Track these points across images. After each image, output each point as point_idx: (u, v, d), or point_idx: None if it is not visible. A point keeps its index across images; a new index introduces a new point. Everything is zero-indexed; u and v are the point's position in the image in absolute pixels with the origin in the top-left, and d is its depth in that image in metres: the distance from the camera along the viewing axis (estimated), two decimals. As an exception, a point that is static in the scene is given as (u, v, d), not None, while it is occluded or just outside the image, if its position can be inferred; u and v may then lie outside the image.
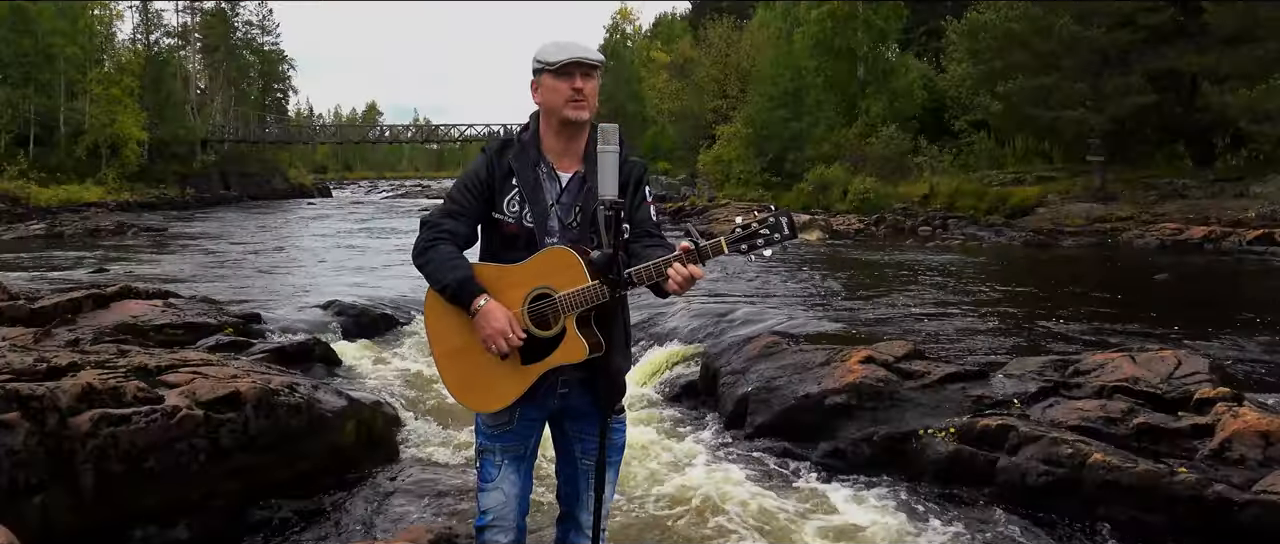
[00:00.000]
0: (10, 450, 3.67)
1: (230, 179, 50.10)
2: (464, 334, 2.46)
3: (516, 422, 2.54)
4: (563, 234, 2.47)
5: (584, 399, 2.55)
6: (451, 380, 2.53)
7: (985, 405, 5.32)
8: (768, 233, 2.29)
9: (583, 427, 2.60)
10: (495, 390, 2.47)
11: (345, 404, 5.21)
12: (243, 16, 64.01)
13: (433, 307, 2.52)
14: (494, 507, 2.57)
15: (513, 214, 2.47)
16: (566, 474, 2.67)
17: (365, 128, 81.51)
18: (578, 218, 2.48)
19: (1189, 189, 21.56)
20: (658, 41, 56.77)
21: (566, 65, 2.37)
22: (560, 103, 2.41)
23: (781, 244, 2.31)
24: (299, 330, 8.35)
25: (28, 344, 5.66)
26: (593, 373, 2.49)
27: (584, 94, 2.40)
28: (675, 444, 5.91)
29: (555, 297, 2.40)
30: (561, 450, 2.68)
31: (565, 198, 2.49)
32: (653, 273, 2.32)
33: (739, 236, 2.30)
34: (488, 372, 2.46)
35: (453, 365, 2.52)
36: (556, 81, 2.39)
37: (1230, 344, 7.70)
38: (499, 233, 2.50)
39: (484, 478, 2.59)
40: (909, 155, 28.71)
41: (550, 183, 2.49)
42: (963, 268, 14.63)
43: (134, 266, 15.09)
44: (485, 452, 2.58)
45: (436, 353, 2.55)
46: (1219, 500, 4.09)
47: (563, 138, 2.49)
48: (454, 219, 2.47)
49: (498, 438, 2.56)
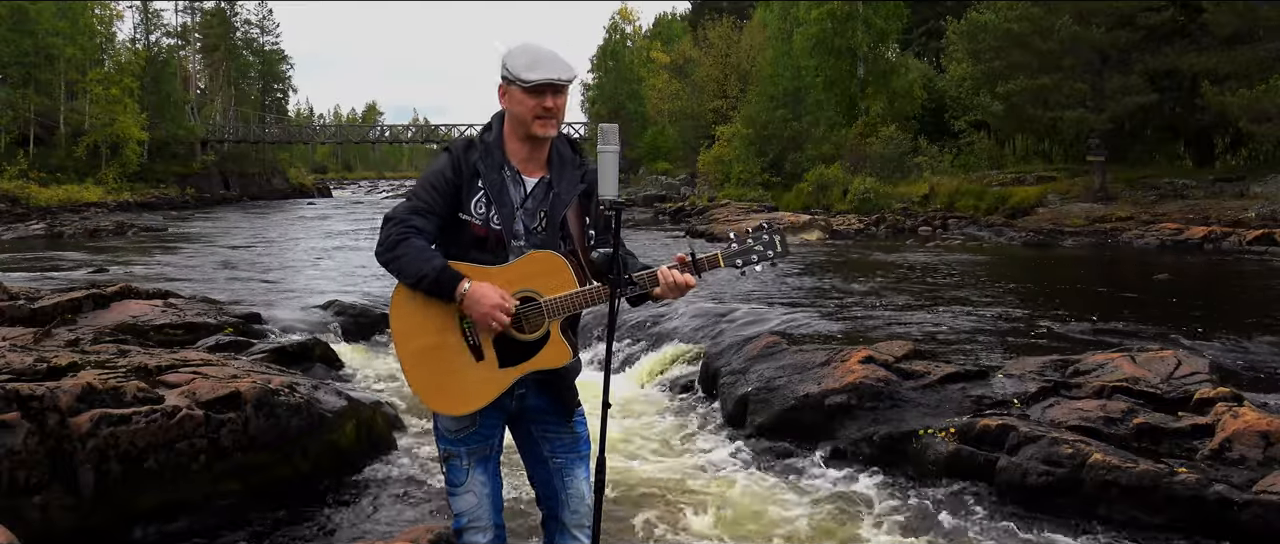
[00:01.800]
0: (10, 450, 3.67)
1: (230, 179, 50.15)
2: (434, 333, 2.40)
3: (479, 423, 2.51)
4: (528, 238, 2.46)
5: (542, 399, 2.54)
6: (419, 382, 2.44)
7: (985, 405, 5.32)
8: (761, 250, 2.46)
9: (546, 426, 2.58)
10: (467, 393, 2.42)
11: (345, 404, 5.21)
12: (242, 16, 64.14)
13: (400, 304, 2.45)
14: (468, 509, 2.55)
15: (480, 216, 2.44)
16: (540, 476, 2.63)
17: (365, 128, 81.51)
18: (543, 223, 2.47)
19: (1189, 189, 21.55)
20: (658, 41, 56.77)
21: (539, 85, 2.36)
22: (529, 118, 2.40)
23: (773, 262, 2.48)
24: (299, 330, 8.36)
25: (28, 344, 5.66)
26: (549, 376, 2.50)
27: (553, 111, 2.40)
28: (675, 444, 5.91)
29: (541, 301, 2.38)
30: (529, 453, 2.64)
31: (530, 203, 2.48)
32: (646, 281, 2.41)
33: (735, 252, 2.46)
34: (460, 373, 2.40)
35: (421, 366, 2.43)
36: (526, 97, 2.38)
37: (1230, 344, 7.70)
38: (467, 234, 2.46)
39: (453, 482, 2.56)
40: (909, 155, 28.70)
41: (515, 187, 2.47)
42: (962, 268, 14.63)
43: (134, 267, 15.09)
44: (450, 456, 2.55)
45: (403, 353, 2.45)
46: (1219, 500, 4.09)
47: (529, 145, 2.47)
48: (421, 217, 2.41)
49: (462, 441, 2.53)
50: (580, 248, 2.47)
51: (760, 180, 32.27)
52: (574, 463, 2.59)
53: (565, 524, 2.60)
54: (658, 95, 47.39)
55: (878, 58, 32.85)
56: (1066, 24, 21.95)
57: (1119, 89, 22.32)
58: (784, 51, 34.41)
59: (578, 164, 2.53)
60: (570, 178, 2.50)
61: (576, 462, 2.59)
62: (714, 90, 42.89)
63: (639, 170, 46.34)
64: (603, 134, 2.34)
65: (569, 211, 2.47)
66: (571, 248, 2.46)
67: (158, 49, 50.37)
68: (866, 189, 26.47)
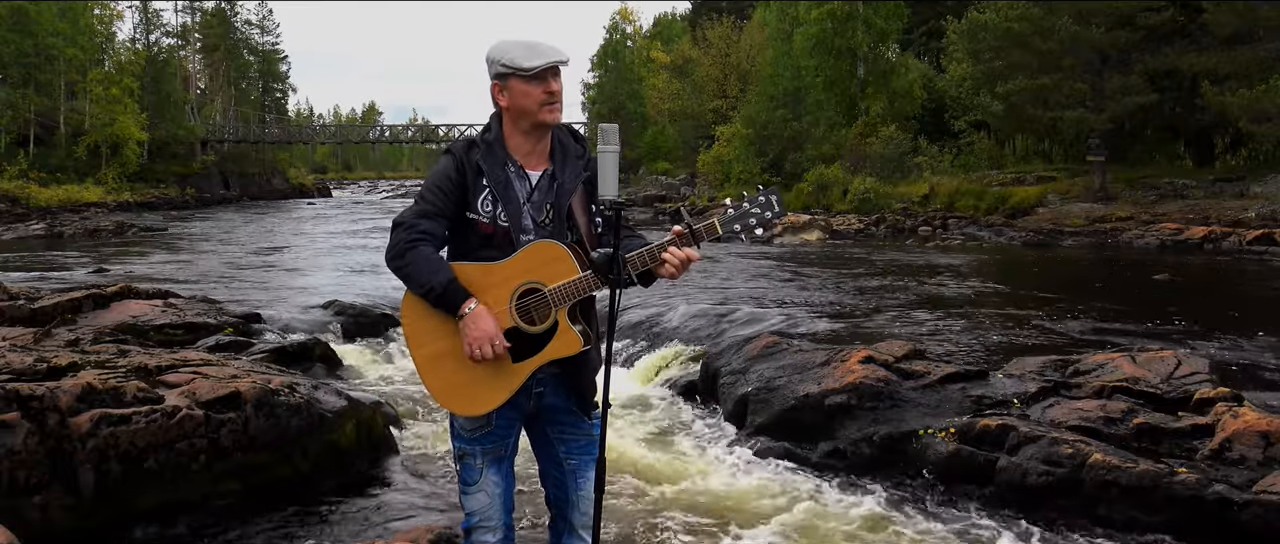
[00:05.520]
0: (10, 450, 3.67)
1: (230, 179, 50.14)
2: (448, 337, 2.41)
3: (495, 423, 2.51)
4: (537, 232, 2.45)
5: (560, 397, 2.54)
6: (435, 384, 2.45)
7: (985, 405, 5.32)
8: (758, 212, 2.40)
9: (562, 426, 2.58)
10: (483, 393, 2.42)
11: (345, 404, 5.20)
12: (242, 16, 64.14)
13: (412, 309, 2.45)
14: (479, 508, 2.56)
15: (487, 214, 2.45)
16: (553, 476, 2.62)
17: (365, 128, 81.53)
18: (550, 215, 2.47)
19: (1189, 189, 21.55)
20: (658, 41, 56.76)
21: (542, 70, 2.36)
22: (535, 107, 2.40)
23: (772, 222, 2.41)
24: (299, 330, 8.36)
25: (28, 344, 5.66)
26: (567, 370, 2.49)
27: (557, 94, 2.41)
28: (675, 444, 5.91)
29: (545, 291, 2.38)
30: (543, 453, 2.64)
31: (536, 196, 2.48)
32: (648, 259, 2.37)
33: (732, 217, 2.40)
34: (475, 374, 2.40)
35: (437, 369, 2.44)
36: (529, 86, 2.37)
37: (1230, 344, 7.70)
38: (475, 232, 2.46)
39: (466, 481, 2.56)
40: (909, 155, 28.70)
41: (520, 182, 2.47)
42: (963, 268, 14.63)
43: (134, 267, 15.09)
44: (465, 455, 2.55)
45: (417, 357, 2.47)
46: (1219, 500, 4.09)
47: (532, 138, 2.47)
48: (430, 220, 2.41)
49: (477, 440, 2.53)
50: (587, 237, 2.46)
51: (760, 180, 32.20)
52: (587, 465, 2.57)
53: (573, 525, 2.60)
54: (658, 95, 47.39)
55: (878, 58, 32.85)
56: (1066, 24, 21.95)
57: (1119, 89, 22.32)
58: (784, 51, 34.40)
59: (580, 153, 2.53)
60: (573, 167, 2.50)
61: (589, 464, 2.57)
62: (714, 90, 42.88)
63: (639, 170, 46.34)
64: (603, 134, 2.33)
65: (574, 201, 2.47)
66: (578, 238, 2.46)
67: (158, 49, 50.35)
68: (866, 189, 26.47)
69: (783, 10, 36.86)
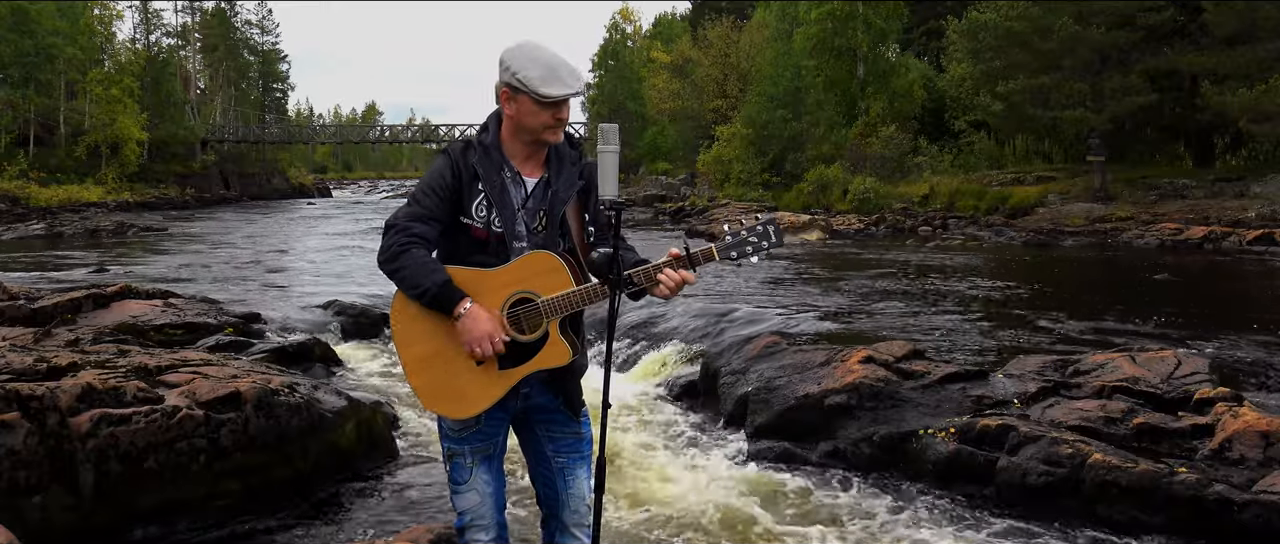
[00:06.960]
0: (10, 450, 3.67)
1: (230, 179, 50.15)
2: (436, 339, 2.41)
3: (483, 422, 2.51)
4: (530, 239, 2.45)
5: (546, 398, 2.54)
6: (422, 386, 2.45)
7: (985, 405, 5.32)
8: (756, 241, 2.42)
9: (551, 426, 2.58)
10: (469, 397, 2.43)
11: (345, 404, 5.21)
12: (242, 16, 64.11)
13: (401, 310, 2.45)
14: (471, 507, 2.56)
15: (481, 219, 2.44)
16: (543, 476, 2.63)
17: (365, 128, 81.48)
18: (543, 222, 2.47)
19: (1189, 189, 21.54)
20: (658, 41, 56.73)
21: (557, 101, 2.35)
22: (539, 127, 2.40)
23: (768, 251, 2.44)
24: (299, 330, 8.36)
25: (28, 344, 5.66)
26: (554, 375, 2.49)
27: (564, 120, 2.42)
28: (675, 444, 5.91)
29: (538, 301, 2.38)
30: (533, 453, 2.64)
31: (530, 203, 2.47)
32: (643, 278, 2.39)
33: (729, 245, 2.42)
34: (462, 377, 2.41)
35: (423, 371, 2.44)
36: (540, 110, 2.37)
37: (1230, 344, 7.70)
38: (467, 236, 2.45)
39: (456, 481, 2.57)
40: (909, 155, 28.70)
41: (515, 187, 2.47)
42: (963, 268, 14.63)
43: (134, 266, 15.09)
44: (454, 454, 2.56)
45: (405, 358, 2.47)
46: (1219, 500, 4.09)
47: (529, 147, 2.47)
48: (423, 223, 2.40)
49: (465, 440, 2.54)
50: (579, 245, 2.46)
51: (760, 180, 32.24)
52: (576, 463, 2.59)
53: (565, 524, 2.60)
54: (658, 95, 47.34)
55: (878, 58, 32.84)
56: (1066, 24, 21.94)
57: (1119, 89, 22.32)
58: (784, 51, 34.37)
59: (576, 161, 2.53)
60: (568, 175, 2.49)
61: (578, 462, 2.59)
62: (714, 90, 42.83)
63: (639, 170, 46.32)
64: (603, 134, 2.33)
65: (568, 209, 2.47)
66: (570, 246, 2.46)
67: (158, 49, 50.37)
68: (866, 189, 26.47)
69: (783, 10, 36.85)
